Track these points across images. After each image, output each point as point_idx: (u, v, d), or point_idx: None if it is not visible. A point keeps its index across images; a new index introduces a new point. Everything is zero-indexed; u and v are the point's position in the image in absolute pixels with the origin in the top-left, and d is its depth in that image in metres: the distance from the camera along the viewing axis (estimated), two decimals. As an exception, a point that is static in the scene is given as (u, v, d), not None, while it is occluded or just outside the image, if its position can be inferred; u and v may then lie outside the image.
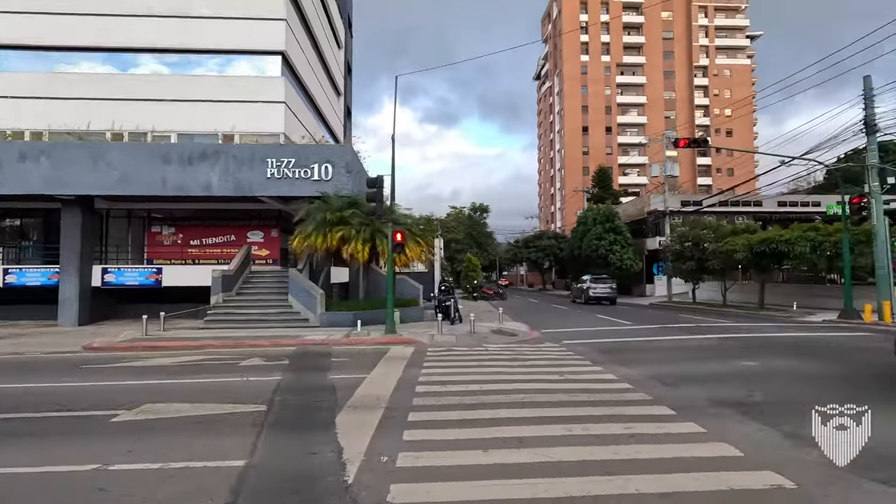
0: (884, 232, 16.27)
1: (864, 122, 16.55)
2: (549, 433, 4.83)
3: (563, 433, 4.84)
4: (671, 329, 14.52)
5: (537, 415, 5.46)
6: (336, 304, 16.25)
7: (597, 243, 34.11)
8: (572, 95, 70.95)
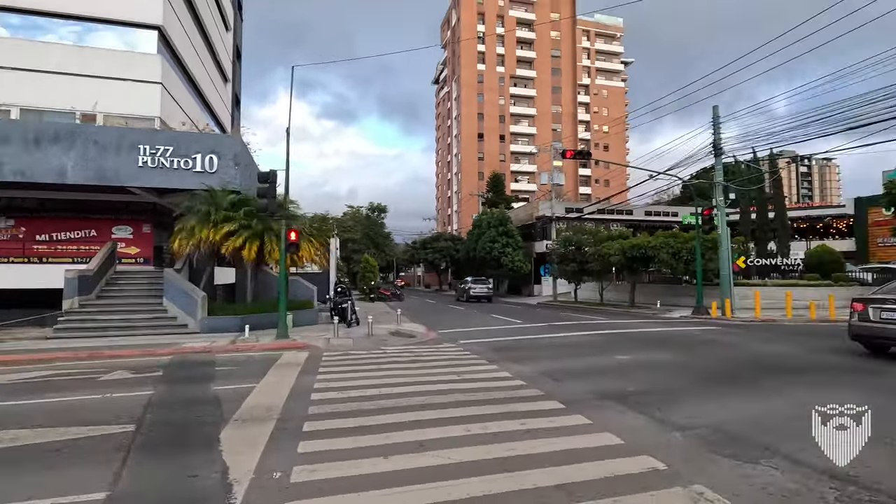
0: (726, 240, 19.09)
1: (713, 146, 19.29)
2: (449, 434, 4.85)
3: (462, 433, 4.89)
4: (557, 327, 15.59)
5: (437, 416, 5.48)
6: (221, 307, 14.95)
7: (491, 246, 35.60)
8: (469, 102, 73.39)
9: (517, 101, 75.91)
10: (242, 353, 10.59)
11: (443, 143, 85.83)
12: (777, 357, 9.50)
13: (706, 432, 4.89)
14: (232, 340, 11.84)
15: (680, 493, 3.53)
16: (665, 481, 3.74)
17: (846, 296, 20.32)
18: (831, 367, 8.42)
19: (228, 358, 10.07)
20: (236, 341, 11.71)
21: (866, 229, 35.14)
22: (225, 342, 11.55)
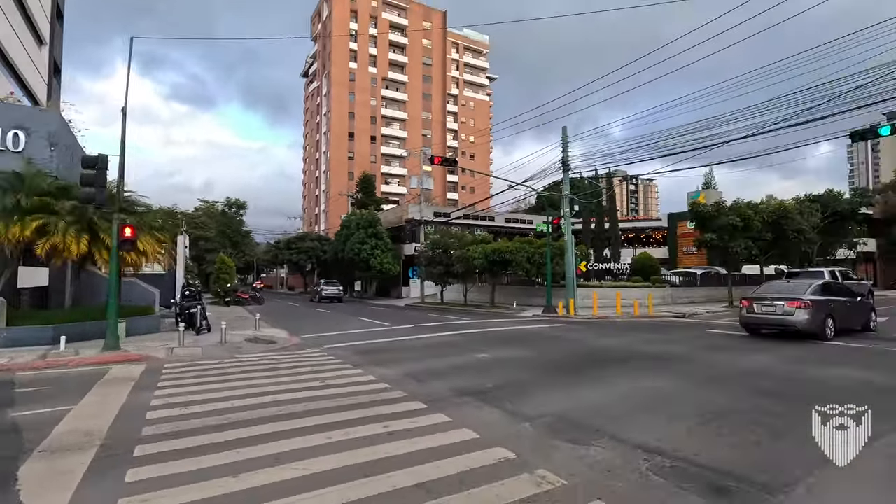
0: (571, 247, 21.44)
1: (562, 162, 21.54)
2: (309, 444, 4.66)
3: (323, 442, 4.73)
4: (423, 328, 15.96)
5: (296, 426, 5.22)
6: (28, 315, 12.32)
7: (359, 247, 35.11)
8: (340, 100, 71.67)
9: (389, 104, 76.22)
10: (56, 370, 8.89)
11: (311, 140, 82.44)
12: (608, 350, 10.93)
13: (551, 420, 5.41)
14: (42, 355, 9.86)
15: (526, 479, 3.86)
16: (514, 469, 4.05)
17: (661, 294, 24.28)
18: (650, 356, 9.93)
19: (35, 376, 8.36)
20: (47, 356, 9.79)
21: (676, 240, 42.40)
22: (31, 357, 9.58)
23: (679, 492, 3.63)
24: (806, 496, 3.55)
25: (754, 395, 6.47)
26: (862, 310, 13.52)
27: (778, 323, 12.15)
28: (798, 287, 12.99)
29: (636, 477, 3.90)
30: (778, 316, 12.11)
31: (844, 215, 29.81)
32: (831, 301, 12.42)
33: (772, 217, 23.31)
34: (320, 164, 76.90)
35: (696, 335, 13.30)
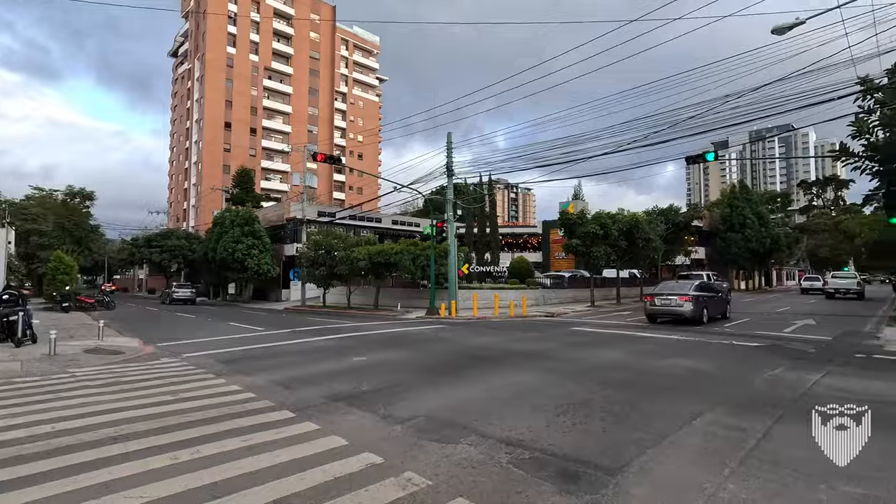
0: (454, 250, 22.08)
1: (447, 167, 22.11)
2: (150, 467, 4.11)
3: (168, 463, 4.21)
4: (301, 332, 15.22)
5: (136, 448, 4.58)
6: None
7: (234, 246, 32.47)
8: (215, 87, 65.79)
9: (272, 96, 71.88)
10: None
11: (180, 127, 74.39)
12: (485, 349, 11.39)
13: (422, 421, 5.45)
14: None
15: (392, 483, 3.81)
16: (381, 474, 3.98)
17: (534, 296, 26.07)
18: (521, 353, 10.55)
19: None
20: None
21: (549, 245, 45.98)
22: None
23: (535, 481, 3.85)
24: (638, 473, 3.98)
25: (605, 386, 7.18)
26: (722, 302, 18.33)
27: (672, 312, 16.06)
28: (685, 286, 17.28)
29: (498, 471, 4.07)
30: (672, 307, 16.07)
31: (681, 227, 34.77)
32: (706, 296, 16.74)
33: (626, 227, 26.35)
34: (191, 154, 69.81)
35: (562, 333, 14.47)
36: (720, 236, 45.62)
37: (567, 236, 26.95)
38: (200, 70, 67.34)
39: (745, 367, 8.63)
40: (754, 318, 18.21)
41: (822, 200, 71.74)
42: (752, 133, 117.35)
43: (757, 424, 5.19)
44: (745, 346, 11.24)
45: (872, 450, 4.44)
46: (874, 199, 19.25)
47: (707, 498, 3.53)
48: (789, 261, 59.83)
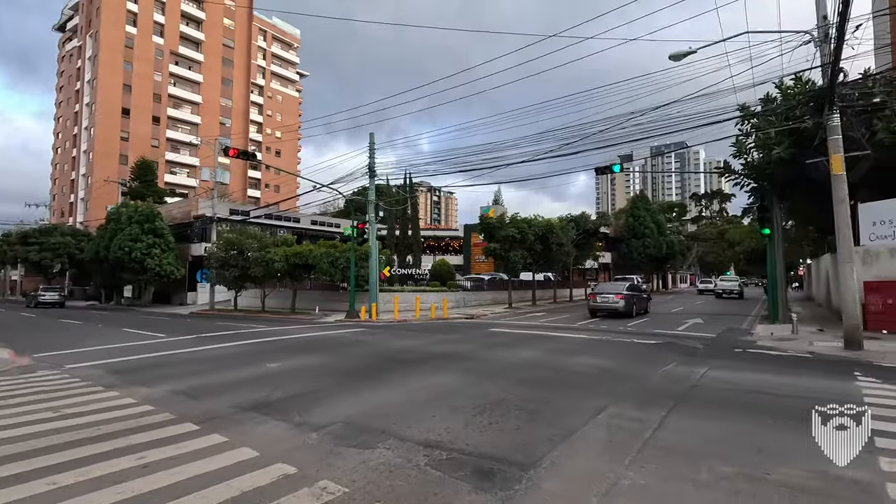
0: (375, 252, 21.81)
1: (369, 168, 21.81)
2: (19, 496, 3.62)
3: (44, 490, 3.74)
4: (208, 338, 14.21)
5: (5, 475, 4.01)
6: None
7: (131, 245, 29.53)
8: (112, 69, 59.56)
9: (179, 83, 66.51)
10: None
11: (68, 110, 66.37)
12: (405, 352, 11.36)
13: (339, 428, 5.31)
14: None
15: (306, 494, 3.67)
16: (294, 485, 3.82)
17: (455, 298, 26.47)
18: (441, 355, 10.65)
19: None
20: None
21: (470, 249, 46.96)
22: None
23: (452, 481, 3.90)
24: (550, 468, 4.18)
25: (520, 384, 7.47)
26: (645, 301, 22.38)
27: (609, 307, 19.62)
28: (619, 286, 21.47)
29: (415, 473, 4.07)
30: (609, 304, 19.64)
31: (591, 233, 37.15)
32: (634, 295, 20.50)
33: (541, 232, 27.65)
34: (80, 141, 62.56)
35: (481, 334, 14.83)
36: (625, 242, 49.36)
37: (487, 240, 27.72)
38: (94, 49, 60.68)
39: (644, 364, 9.39)
40: (652, 318, 19.90)
41: (710, 212, 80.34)
42: (653, 148, 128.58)
43: (653, 416, 5.66)
44: (645, 344, 12.24)
45: (743, 431, 5.04)
46: (750, 211, 21.88)
47: (610, 486, 3.79)
48: (682, 265, 66.22)
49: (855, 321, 10.76)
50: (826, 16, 10.93)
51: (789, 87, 14.54)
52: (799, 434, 4.96)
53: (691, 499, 3.57)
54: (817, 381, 7.62)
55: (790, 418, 5.52)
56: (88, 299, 41.17)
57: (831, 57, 10.19)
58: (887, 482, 3.76)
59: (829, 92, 10.67)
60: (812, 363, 9.51)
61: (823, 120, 11.08)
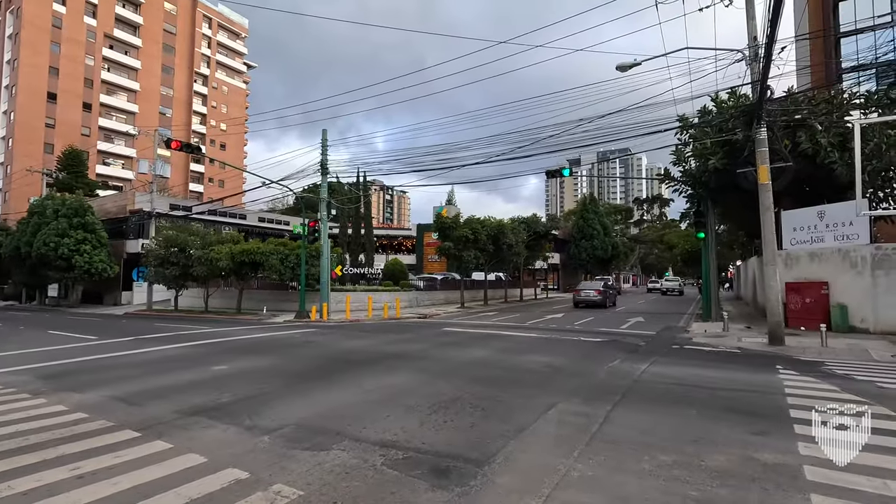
0: (327, 250, 21.40)
1: (321, 165, 21.37)
2: (-64, 514, 3.31)
3: (-37, 507, 3.43)
4: (147, 340, 13.45)
5: (-86, 492, 3.65)
6: None
7: (58, 241, 27.38)
8: (36, 49, 54.90)
9: (114, 68, 62.25)
10: None
11: (-17, 92, 60.53)
12: (357, 352, 11.25)
13: (292, 430, 5.20)
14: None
15: (259, 499, 3.59)
16: (246, 490, 3.72)
17: (408, 298, 26.43)
18: (394, 355, 10.62)
19: None
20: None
21: (423, 248, 47.00)
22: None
23: (409, 480, 3.93)
24: (504, 463, 4.30)
25: (473, 382, 7.59)
26: (615, 295, 30.17)
27: (589, 300, 26.39)
28: (596, 284, 29.09)
29: (372, 473, 4.07)
30: (590, 297, 26.54)
31: (541, 235, 38.16)
32: (607, 290, 27.73)
33: (493, 232, 28.12)
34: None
35: (434, 334, 14.91)
36: (574, 244, 51.02)
37: (441, 239, 27.85)
38: (15, 26, 55.73)
39: (590, 361, 9.79)
40: (597, 317, 20.73)
41: (651, 216, 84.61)
42: (599, 154, 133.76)
43: (600, 410, 5.93)
44: (591, 342, 12.76)
45: (681, 423, 5.39)
46: (687, 216, 23.26)
47: (560, 478, 3.95)
48: (625, 266, 69.24)
49: (778, 319, 11.70)
50: (756, 37, 11.83)
51: (724, 101, 15.60)
52: (730, 424, 5.37)
53: (634, 487, 3.79)
54: (745, 375, 8.24)
55: (722, 409, 5.96)
56: (7, 299, 37.82)
57: (760, 75, 11.04)
58: (804, 465, 4.14)
59: (757, 107, 11.55)
60: (740, 358, 10.26)
61: (752, 133, 11.98)
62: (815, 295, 14.23)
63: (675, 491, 3.70)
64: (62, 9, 57.26)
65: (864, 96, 14.79)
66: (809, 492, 3.65)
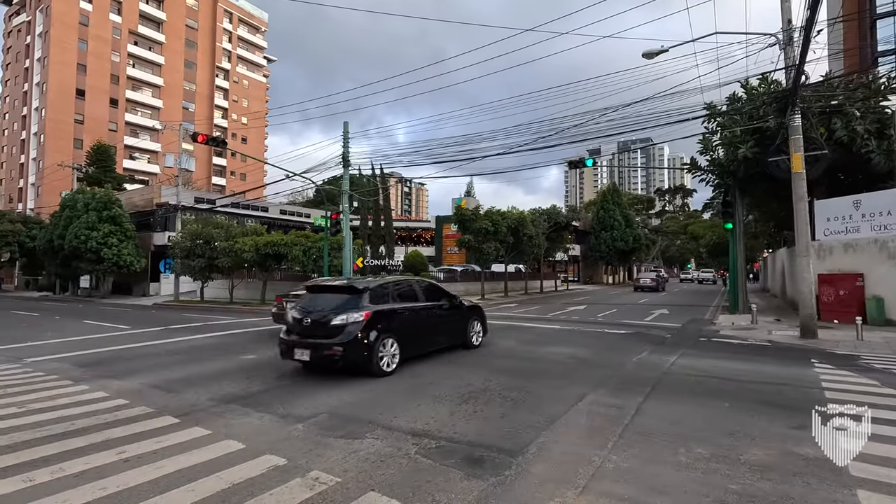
0: (349, 242, 21.57)
1: (342, 158, 21.48)
2: (-5, 494, 3.47)
3: (20, 487, 3.59)
4: (177, 330, 13.80)
5: (-26, 473, 3.83)
6: None
7: (88, 234, 28.21)
8: (64, 46, 56.33)
9: (139, 64, 63.54)
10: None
11: (15, 90, 62.45)
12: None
13: (324, 419, 5.29)
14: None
15: (298, 484, 3.66)
16: (285, 476, 3.80)
17: (428, 290, 26.47)
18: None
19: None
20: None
21: (442, 240, 47.02)
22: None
23: (443, 469, 3.96)
24: (537, 453, 4.30)
25: (500, 373, 7.59)
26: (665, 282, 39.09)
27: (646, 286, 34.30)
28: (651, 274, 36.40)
29: (406, 462, 4.11)
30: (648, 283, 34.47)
31: (561, 226, 37.80)
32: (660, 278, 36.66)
33: (513, 224, 27.94)
34: (29, 123, 59.09)
35: (456, 325, 14.89)
36: (594, 235, 50.38)
37: (461, 231, 27.79)
38: (45, 24, 57.23)
39: (616, 353, 9.69)
40: (620, 310, 20.50)
41: (673, 206, 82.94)
42: (620, 143, 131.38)
43: (630, 402, 5.88)
44: (615, 334, 12.62)
45: (715, 416, 5.30)
46: (712, 206, 22.75)
47: (596, 469, 3.93)
48: (646, 258, 68.23)
49: (810, 311, 11.39)
50: (790, 20, 11.41)
51: (754, 88, 15.12)
52: (766, 417, 5.26)
53: (672, 479, 3.75)
54: (778, 368, 8.06)
55: (757, 402, 5.84)
56: (41, 290, 39.17)
57: (795, 59, 10.66)
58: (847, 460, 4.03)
59: (792, 93, 11.17)
60: (772, 351, 10.03)
61: (786, 120, 11.60)
62: (849, 287, 13.80)
63: (715, 483, 3.65)
64: (89, 6, 58.52)
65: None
66: (855, 487, 3.56)
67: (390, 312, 7.88)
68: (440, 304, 9.19)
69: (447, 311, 9.32)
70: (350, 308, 7.38)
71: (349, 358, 7.07)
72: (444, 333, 9.30)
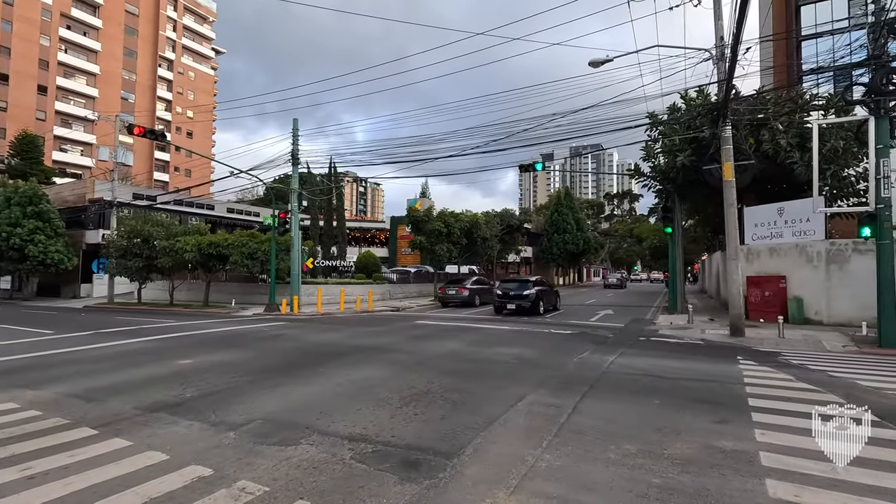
0: (298, 243, 21.02)
1: (291, 155, 20.93)
2: None
3: None
4: (108, 334, 12.95)
5: None
6: None
7: (10, 230, 26.04)
8: (-14, 26, 51.84)
9: (72, 50, 59.38)
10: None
11: (-74, 71, 56.76)
12: (328, 345, 11.11)
13: (259, 426, 5.10)
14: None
15: (223, 496, 3.50)
16: (209, 487, 3.63)
17: (381, 291, 26.27)
18: (366, 348, 10.53)
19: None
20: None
21: (397, 241, 46.75)
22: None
23: (377, 474, 3.90)
24: (473, 455, 4.32)
25: (444, 375, 7.60)
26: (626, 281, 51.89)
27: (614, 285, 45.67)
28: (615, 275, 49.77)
29: (340, 468, 4.02)
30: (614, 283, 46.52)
31: (514, 228, 38.48)
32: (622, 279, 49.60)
33: (467, 226, 28.19)
34: (-57, 108, 53.91)
35: (406, 326, 14.87)
36: (547, 237, 51.60)
37: (414, 233, 27.74)
38: (-38, 2, 52.38)
39: (560, 353, 9.95)
40: (568, 310, 21.08)
41: (621, 211, 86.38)
42: (572, 149, 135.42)
43: (568, 401, 6.03)
44: (561, 334, 12.96)
45: (646, 413, 5.53)
46: (656, 211, 23.83)
47: (529, 469, 3.99)
48: (595, 260, 70.63)
49: (739, 311, 12.14)
50: (723, 37, 12.13)
51: (692, 99, 15.96)
52: (692, 413, 5.54)
53: (601, 475, 3.86)
54: (707, 366, 8.52)
55: (685, 399, 6.15)
56: (-46, 292, 35.74)
57: (725, 74, 11.34)
58: (760, 451, 4.31)
59: (723, 106, 11.87)
60: (704, 349, 10.61)
61: (718, 130, 12.32)
62: (773, 288, 14.81)
63: (639, 478, 3.79)
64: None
65: (826, 98, 15.39)
66: (764, 476, 3.80)
67: (542, 290, 19.20)
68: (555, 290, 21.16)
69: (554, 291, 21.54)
70: (529, 287, 18.70)
71: (530, 308, 18.08)
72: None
